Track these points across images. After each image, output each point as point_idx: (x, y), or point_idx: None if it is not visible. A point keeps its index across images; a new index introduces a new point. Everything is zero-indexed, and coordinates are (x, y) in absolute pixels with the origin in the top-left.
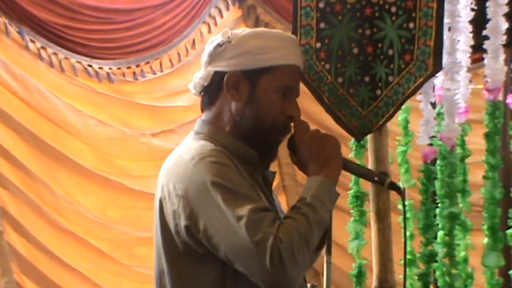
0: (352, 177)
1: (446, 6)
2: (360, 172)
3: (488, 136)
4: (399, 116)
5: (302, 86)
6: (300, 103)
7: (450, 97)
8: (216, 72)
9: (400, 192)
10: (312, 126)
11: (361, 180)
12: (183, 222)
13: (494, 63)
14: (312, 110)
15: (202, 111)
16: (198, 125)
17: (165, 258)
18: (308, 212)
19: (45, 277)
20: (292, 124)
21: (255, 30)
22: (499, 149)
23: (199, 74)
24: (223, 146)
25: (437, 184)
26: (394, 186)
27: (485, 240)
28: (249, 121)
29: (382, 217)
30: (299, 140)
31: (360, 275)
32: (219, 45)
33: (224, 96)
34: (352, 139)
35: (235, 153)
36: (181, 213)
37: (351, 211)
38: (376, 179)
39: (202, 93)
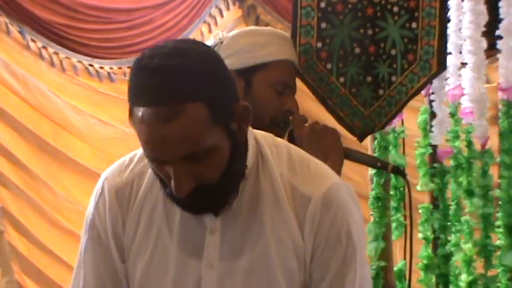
0: (374, 179)
1: (469, 4)
2: (363, 159)
3: (503, 135)
4: (418, 117)
5: (302, 86)
6: (299, 102)
7: (480, 96)
8: None
9: (404, 176)
10: None
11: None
12: None
13: (508, 62)
14: (311, 110)
15: None
16: None
17: None
18: None
19: (45, 276)
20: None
21: (246, 28)
22: None
23: None
24: None
25: (452, 185)
26: (397, 171)
27: (500, 239)
28: None
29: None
30: (298, 135)
31: (377, 278)
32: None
33: None
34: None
35: None
36: None
37: (371, 213)
38: (379, 165)
39: None
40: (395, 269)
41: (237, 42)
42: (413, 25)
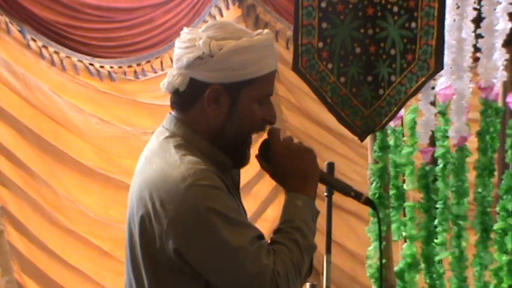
0: (374, 179)
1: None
2: (337, 186)
3: (480, 135)
4: (407, 117)
5: (302, 85)
6: (300, 103)
7: (458, 96)
8: (193, 79)
9: (375, 208)
10: (312, 126)
11: None
12: (172, 245)
13: (487, 62)
14: (311, 110)
15: (173, 109)
16: (171, 123)
17: (146, 271)
18: (299, 238)
19: (46, 276)
20: (265, 129)
21: (238, 45)
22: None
23: (173, 73)
24: (200, 151)
25: (440, 184)
26: (369, 202)
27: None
28: (230, 134)
29: None
30: (276, 149)
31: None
32: (200, 57)
33: (202, 105)
34: None
35: (211, 158)
36: (171, 235)
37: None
38: (352, 194)
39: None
40: (395, 268)
41: (228, 60)
42: (413, 25)
